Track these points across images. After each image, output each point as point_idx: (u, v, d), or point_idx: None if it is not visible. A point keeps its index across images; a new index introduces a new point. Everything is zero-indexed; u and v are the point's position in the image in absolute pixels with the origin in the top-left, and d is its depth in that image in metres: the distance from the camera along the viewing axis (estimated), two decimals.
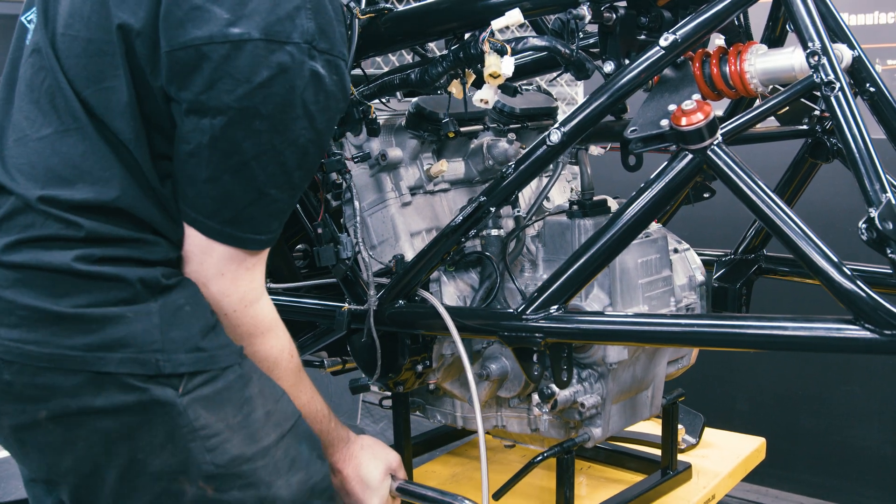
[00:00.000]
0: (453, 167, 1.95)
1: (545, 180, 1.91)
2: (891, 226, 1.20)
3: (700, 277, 1.92)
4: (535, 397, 1.68)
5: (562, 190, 2.12)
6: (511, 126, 2.02)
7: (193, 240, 1.24)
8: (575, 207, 1.73)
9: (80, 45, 1.20)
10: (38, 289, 1.15)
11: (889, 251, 1.21)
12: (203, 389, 1.20)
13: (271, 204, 1.23)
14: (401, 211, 1.85)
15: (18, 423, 1.19)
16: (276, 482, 1.25)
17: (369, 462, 1.54)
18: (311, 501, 1.31)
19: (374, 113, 1.71)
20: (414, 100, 1.85)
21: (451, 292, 1.75)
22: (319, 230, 1.72)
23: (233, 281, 1.27)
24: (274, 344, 1.36)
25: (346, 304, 1.77)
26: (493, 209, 1.59)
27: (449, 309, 1.61)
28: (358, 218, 1.75)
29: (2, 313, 1.16)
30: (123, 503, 1.21)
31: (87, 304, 1.15)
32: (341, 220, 1.83)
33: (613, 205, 1.78)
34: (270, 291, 1.40)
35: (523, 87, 2.08)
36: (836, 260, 1.24)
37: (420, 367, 1.78)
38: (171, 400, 1.17)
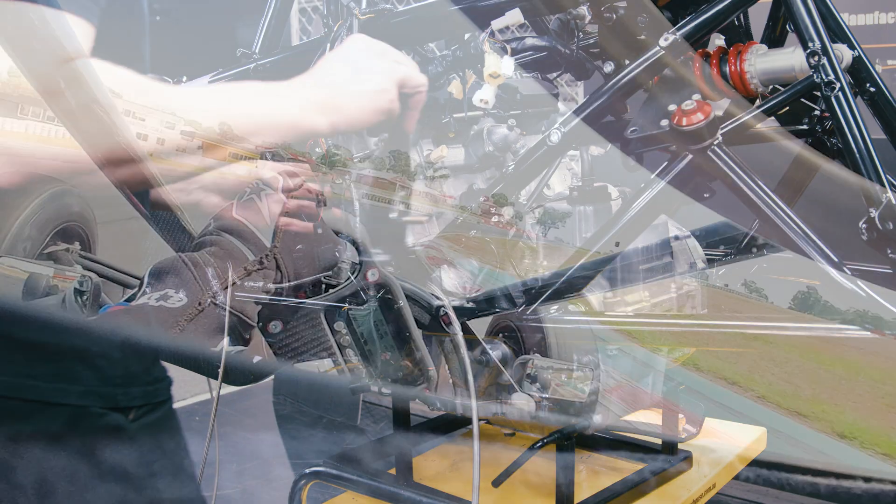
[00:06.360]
0: (453, 153, 1.95)
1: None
2: (891, 225, 1.20)
3: (701, 265, 1.92)
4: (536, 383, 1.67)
5: (561, 178, 2.12)
6: (511, 112, 2.02)
7: None
8: (575, 194, 1.72)
9: None
10: None
11: (889, 251, 1.21)
12: None
13: None
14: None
15: None
16: None
17: None
18: None
19: None
20: None
21: (450, 278, 1.75)
22: (320, 230, 1.72)
23: None
24: None
25: (347, 305, 1.77)
26: (492, 209, 1.59)
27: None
28: (358, 218, 1.74)
29: None
30: None
31: None
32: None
33: (613, 192, 1.78)
34: (272, 291, 1.39)
35: (524, 75, 2.08)
36: (836, 260, 1.24)
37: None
38: None
